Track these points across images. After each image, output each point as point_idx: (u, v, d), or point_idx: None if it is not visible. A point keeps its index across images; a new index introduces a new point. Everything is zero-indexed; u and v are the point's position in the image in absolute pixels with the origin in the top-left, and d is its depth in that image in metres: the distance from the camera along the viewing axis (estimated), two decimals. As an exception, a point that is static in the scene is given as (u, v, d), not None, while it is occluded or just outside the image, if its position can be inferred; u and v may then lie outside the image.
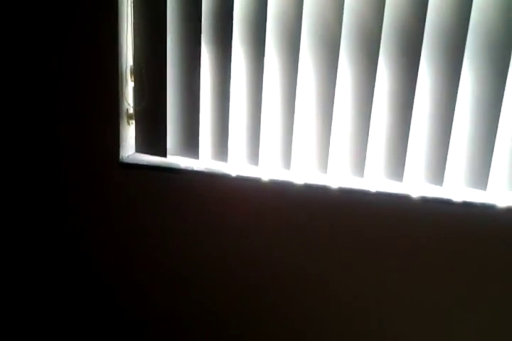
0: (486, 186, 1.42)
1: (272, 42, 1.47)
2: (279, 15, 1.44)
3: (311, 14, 1.41)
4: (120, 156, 1.61)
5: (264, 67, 1.48)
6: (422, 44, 1.36)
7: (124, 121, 1.59)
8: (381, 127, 1.46)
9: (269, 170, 1.57)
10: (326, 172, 1.52)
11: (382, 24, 1.36)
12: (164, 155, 1.62)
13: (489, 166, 1.40)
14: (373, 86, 1.42)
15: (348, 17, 1.39)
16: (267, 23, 1.44)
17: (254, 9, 1.45)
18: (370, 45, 1.39)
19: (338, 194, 1.49)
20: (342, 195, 1.49)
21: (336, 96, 1.45)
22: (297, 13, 1.41)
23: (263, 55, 1.47)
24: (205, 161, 1.62)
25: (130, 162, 1.62)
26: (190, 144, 1.59)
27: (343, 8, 1.38)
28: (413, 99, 1.40)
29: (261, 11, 1.44)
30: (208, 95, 1.55)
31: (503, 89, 1.34)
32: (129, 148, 1.64)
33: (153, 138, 1.62)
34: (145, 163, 1.61)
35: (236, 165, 1.59)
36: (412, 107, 1.41)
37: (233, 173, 1.55)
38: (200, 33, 1.49)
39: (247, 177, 1.54)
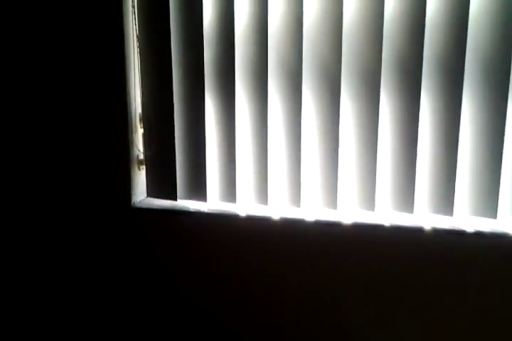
0: (496, 215, 1.42)
1: (274, 86, 1.52)
2: (279, 60, 1.50)
3: (311, 56, 1.47)
4: (132, 202, 1.64)
5: (268, 110, 1.52)
6: (421, 77, 1.40)
7: (134, 166, 1.64)
8: (387, 160, 1.48)
9: (278, 208, 1.59)
10: (335, 208, 1.53)
11: (381, 61, 1.41)
12: (175, 198, 1.64)
13: (497, 194, 1.41)
14: (377, 121, 1.45)
15: (347, 56, 1.44)
16: (268, 68, 1.50)
17: (255, 55, 1.51)
18: (371, 82, 1.44)
19: (349, 229, 1.49)
20: (353, 229, 1.49)
21: (340, 133, 1.49)
22: (297, 56, 1.47)
23: (266, 99, 1.52)
24: (214, 203, 1.64)
25: (142, 207, 1.64)
26: (199, 187, 1.63)
27: (341, 48, 1.43)
28: (417, 131, 1.43)
29: (262, 57, 1.50)
30: (215, 139, 1.60)
31: (505, 117, 1.37)
32: (140, 193, 1.68)
33: (163, 183, 1.65)
34: (156, 207, 1.64)
35: (245, 206, 1.62)
36: (416, 139, 1.43)
37: (242, 213, 1.57)
38: (204, 80, 1.54)
39: (257, 216, 1.56)
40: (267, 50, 1.49)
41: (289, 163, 1.55)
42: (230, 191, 1.60)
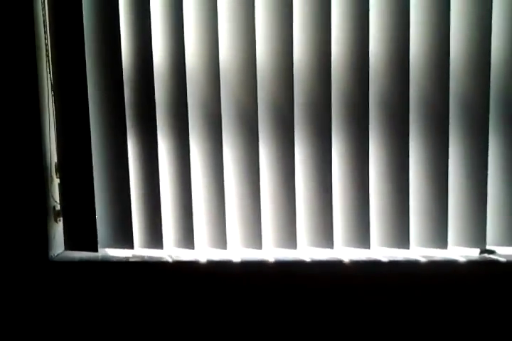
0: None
1: (194, 126, 1.57)
2: (199, 101, 1.55)
3: (229, 100, 1.55)
4: (49, 255, 1.56)
5: (190, 150, 1.55)
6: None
7: (51, 218, 1.57)
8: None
9: (203, 251, 1.60)
10: (260, 248, 1.58)
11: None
12: (95, 249, 1.59)
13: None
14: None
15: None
16: (188, 110, 1.54)
17: (174, 95, 1.55)
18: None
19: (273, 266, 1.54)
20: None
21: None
22: (216, 100, 1.53)
23: (188, 141, 1.55)
24: (139, 250, 1.62)
25: (60, 260, 1.57)
26: (123, 235, 1.59)
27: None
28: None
29: (181, 97, 1.54)
30: (137, 184, 1.59)
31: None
32: (58, 246, 1.61)
33: (82, 234, 1.60)
34: (75, 260, 1.57)
35: (172, 251, 1.61)
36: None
37: (170, 259, 1.56)
38: (125, 126, 1.55)
39: (184, 261, 1.55)
40: (185, 89, 1.53)
41: (211, 204, 1.58)
42: (155, 237, 1.59)
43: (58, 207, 1.59)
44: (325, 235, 1.56)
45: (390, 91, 1.50)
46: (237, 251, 1.60)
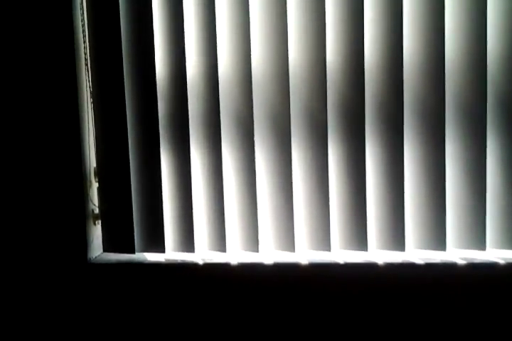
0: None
1: (226, 138, 1.60)
2: (231, 111, 1.59)
3: (260, 106, 1.58)
4: (88, 257, 1.61)
5: (222, 161, 1.59)
6: (365, 126, 1.52)
7: (90, 221, 1.63)
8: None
9: (237, 254, 1.62)
10: (293, 250, 1.57)
11: (326, 111, 1.53)
12: (132, 251, 1.63)
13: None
14: (326, 168, 1.55)
15: (294, 104, 1.56)
16: (221, 123, 1.59)
17: (207, 107, 1.59)
18: (316, 131, 1.55)
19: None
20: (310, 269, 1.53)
21: (293, 181, 1.56)
22: (249, 107, 1.56)
23: (220, 150, 1.59)
24: (172, 254, 1.65)
25: (98, 262, 1.62)
26: (156, 239, 1.63)
27: (289, 98, 1.54)
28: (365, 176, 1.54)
29: (214, 109, 1.58)
30: (170, 190, 1.63)
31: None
32: (96, 248, 1.66)
33: (120, 237, 1.65)
34: (113, 262, 1.61)
35: (204, 254, 1.64)
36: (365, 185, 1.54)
37: (201, 262, 1.58)
38: (158, 133, 1.60)
39: (215, 263, 1.57)
40: (218, 102, 1.57)
41: (244, 209, 1.60)
42: (187, 240, 1.62)
43: (97, 211, 1.65)
44: (358, 237, 1.54)
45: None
46: (268, 253, 1.61)
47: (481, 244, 1.48)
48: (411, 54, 1.49)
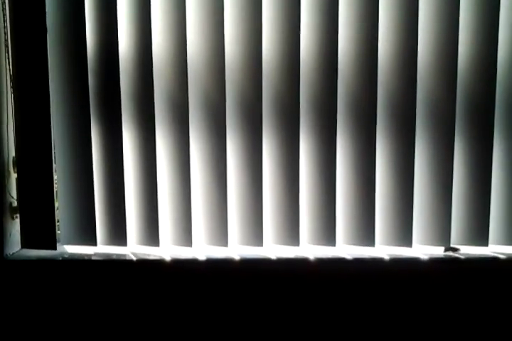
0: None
1: (162, 120, 1.53)
2: (167, 93, 1.51)
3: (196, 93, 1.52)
4: (5, 254, 1.49)
5: (156, 143, 1.52)
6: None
7: (7, 215, 1.50)
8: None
9: (168, 249, 1.57)
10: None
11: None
12: (54, 247, 1.53)
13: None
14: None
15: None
16: (155, 101, 1.51)
17: (141, 87, 1.51)
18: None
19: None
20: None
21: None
22: (183, 92, 1.50)
23: (154, 132, 1.51)
24: (101, 248, 1.57)
25: (16, 259, 1.50)
26: (85, 231, 1.54)
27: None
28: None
29: (148, 88, 1.50)
30: (102, 181, 1.54)
31: (374, 158, 1.53)
32: (14, 244, 1.54)
33: (40, 232, 1.53)
34: (33, 258, 1.51)
35: (136, 248, 1.57)
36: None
37: (134, 257, 1.52)
38: (89, 113, 1.49)
39: (151, 259, 1.52)
40: (152, 80, 1.49)
41: (177, 198, 1.55)
42: (119, 234, 1.54)
43: (15, 204, 1.53)
44: (291, 233, 1.56)
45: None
46: (201, 248, 1.58)
47: (407, 241, 1.56)
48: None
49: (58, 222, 1.57)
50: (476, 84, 1.52)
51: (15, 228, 1.54)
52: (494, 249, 1.59)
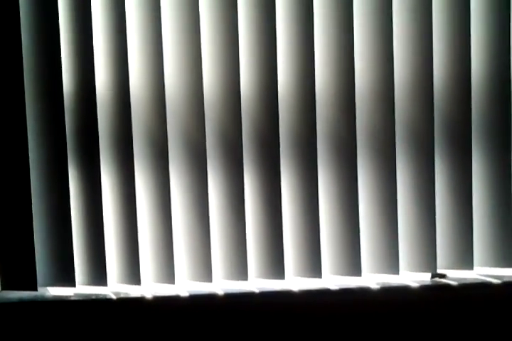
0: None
1: (142, 159, 1.53)
2: (145, 131, 1.52)
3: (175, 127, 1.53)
4: (-16, 298, 1.47)
5: (135, 180, 1.51)
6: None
7: (-14, 257, 1.49)
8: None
9: (151, 287, 1.55)
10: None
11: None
12: (34, 288, 1.51)
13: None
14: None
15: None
16: (134, 140, 1.51)
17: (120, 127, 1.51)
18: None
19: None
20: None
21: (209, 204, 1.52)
22: (163, 130, 1.50)
23: (133, 172, 1.50)
24: (83, 289, 1.55)
25: (-3, 302, 1.48)
26: (64, 272, 1.52)
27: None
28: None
29: (126, 128, 1.50)
30: (81, 218, 1.52)
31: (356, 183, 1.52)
32: (-6, 287, 1.52)
33: (20, 273, 1.51)
34: (14, 301, 1.48)
35: (117, 288, 1.55)
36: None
37: (114, 296, 1.49)
38: (66, 155, 1.49)
39: (132, 298, 1.48)
40: (130, 119, 1.49)
41: (157, 237, 1.53)
42: (99, 273, 1.52)
43: (-5, 246, 1.52)
44: (276, 265, 1.53)
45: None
46: (184, 284, 1.56)
47: (394, 268, 1.52)
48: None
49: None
50: (453, 105, 1.52)
51: (-6, 270, 1.53)
52: (480, 272, 1.57)
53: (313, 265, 1.52)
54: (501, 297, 1.50)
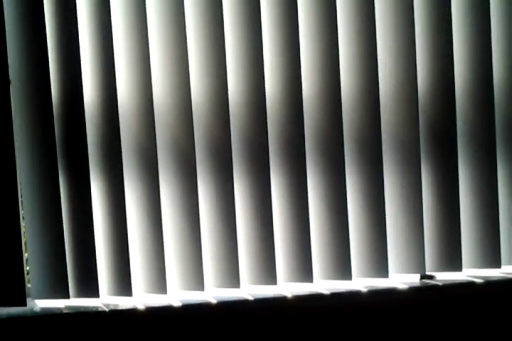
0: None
1: (131, 167, 1.52)
2: (133, 139, 1.51)
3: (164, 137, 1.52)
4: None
5: (125, 191, 1.50)
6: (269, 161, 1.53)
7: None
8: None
9: (143, 297, 1.54)
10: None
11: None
12: (24, 304, 1.47)
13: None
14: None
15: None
16: (122, 149, 1.50)
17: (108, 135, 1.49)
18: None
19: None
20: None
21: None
22: (151, 138, 1.49)
23: (122, 181, 1.49)
24: (75, 301, 1.53)
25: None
26: (57, 284, 1.49)
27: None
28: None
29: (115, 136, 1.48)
30: (71, 228, 1.50)
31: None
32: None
33: (8, 288, 1.47)
34: (3, 317, 1.44)
35: (108, 300, 1.53)
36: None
37: (106, 308, 1.48)
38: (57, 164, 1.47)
39: (124, 309, 1.47)
40: (118, 127, 1.48)
41: (149, 247, 1.52)
42: (90, 284, 1.50)
43: (-19, 260, 1.48)
44: (268, 271, 1.54)
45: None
46: (176, 294, 1.55)
47: (384, 271, 1.55)
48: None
49: (28, 274, 1.53)
50: (438, 112, 1.56)
51: (-18, 286, 1.49)
52: (469, 273, 1.60)
53: (304, 270, 1.54)
54: (487, 297, 1.54)
